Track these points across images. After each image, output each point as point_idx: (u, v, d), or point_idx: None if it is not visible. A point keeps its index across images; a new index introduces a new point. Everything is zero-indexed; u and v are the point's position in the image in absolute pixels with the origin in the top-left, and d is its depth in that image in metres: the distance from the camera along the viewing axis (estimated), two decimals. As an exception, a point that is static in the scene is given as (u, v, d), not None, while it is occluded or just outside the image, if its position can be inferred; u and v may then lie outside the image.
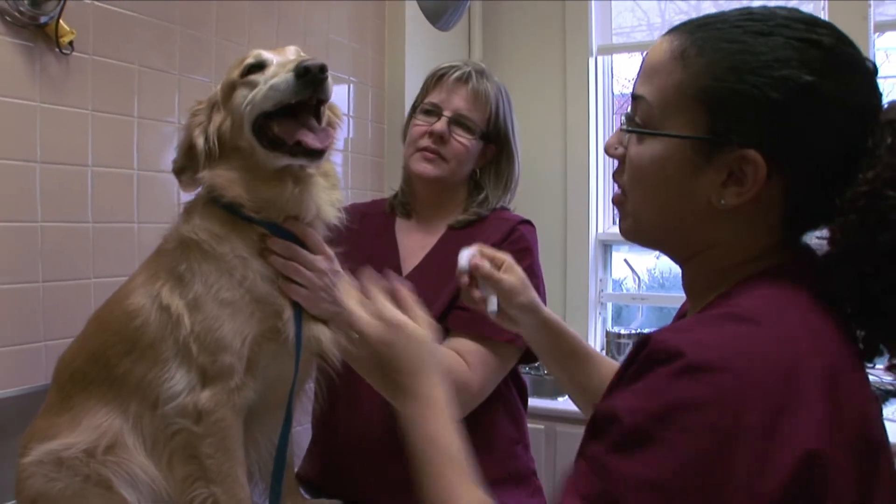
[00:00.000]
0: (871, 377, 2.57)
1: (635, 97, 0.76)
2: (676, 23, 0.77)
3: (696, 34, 0.72)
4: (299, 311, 1.09)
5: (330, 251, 1.13)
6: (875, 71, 0.71)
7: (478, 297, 1.08)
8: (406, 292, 0.90)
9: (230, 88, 1.09)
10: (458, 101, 1.40)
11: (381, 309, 0.87)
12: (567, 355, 1.12)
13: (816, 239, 0.75)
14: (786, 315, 0.67)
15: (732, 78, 0.68)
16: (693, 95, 0.70)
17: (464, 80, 1.41)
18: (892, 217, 0.65)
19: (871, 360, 0.72)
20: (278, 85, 1.03)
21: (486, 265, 1.07)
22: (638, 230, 0.80)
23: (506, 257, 1.10)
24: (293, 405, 1.12)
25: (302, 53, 1.10)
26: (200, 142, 1.08)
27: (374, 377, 0.92)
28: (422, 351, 0.85)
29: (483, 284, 1.07)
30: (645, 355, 0.65)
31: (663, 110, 0.72)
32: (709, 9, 2.92)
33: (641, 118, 0.75)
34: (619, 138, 0.79)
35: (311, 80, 1.01)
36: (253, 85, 1.06)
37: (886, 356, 0.71)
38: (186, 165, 1.11)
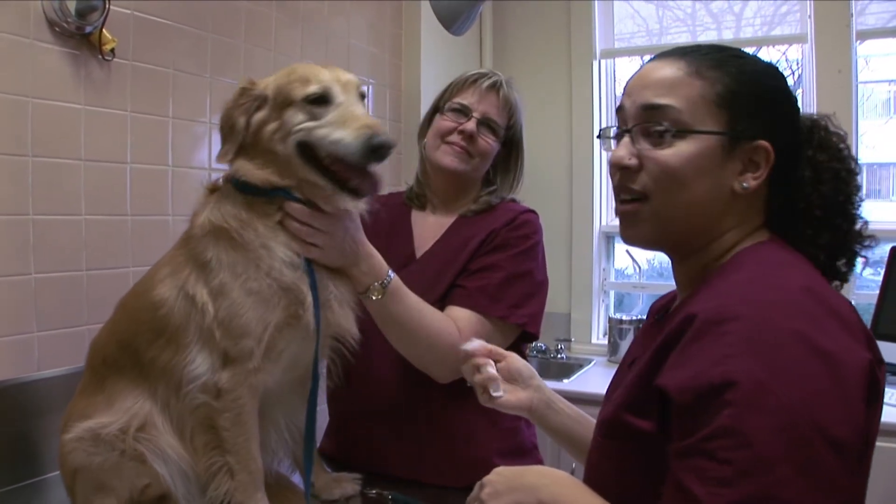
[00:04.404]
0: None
1: (656, 107, 0.82)
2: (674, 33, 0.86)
3: (698, 58, 0.83)
4: (317, 296, 1.09)
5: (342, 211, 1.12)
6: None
7: (479, 379, 1.07)
8: None
9: (287, 103, 1.06)
10: (487, 106, 1.42)
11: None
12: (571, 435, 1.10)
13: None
14: (782, 261, 0.79)
15: (742, 87, 0.81)
16: (715, 101, 0.80)
17: (496, 88, 1.43)
18: (825, 176, 0.83)
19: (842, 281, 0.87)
20: (346, 146, 1.02)
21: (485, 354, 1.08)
22: (658, 229, 0.84)
23: (508, 354, 1.11)
24: (317, 381, 1.12)
25: (362, 89, 1.10)
26: (242, 122, 1.08)
27: None
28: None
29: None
30: (697, 328, 0.70)
31: (693, 115, 0.81)
32: (703, 17, 2.88)
33: (672, 123, 0.81)
34: (629, 150, 0.84)
35: (377, 156, 1.02)
36: (312, 115, 1.05)
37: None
38: (226, 139, 1.10)
